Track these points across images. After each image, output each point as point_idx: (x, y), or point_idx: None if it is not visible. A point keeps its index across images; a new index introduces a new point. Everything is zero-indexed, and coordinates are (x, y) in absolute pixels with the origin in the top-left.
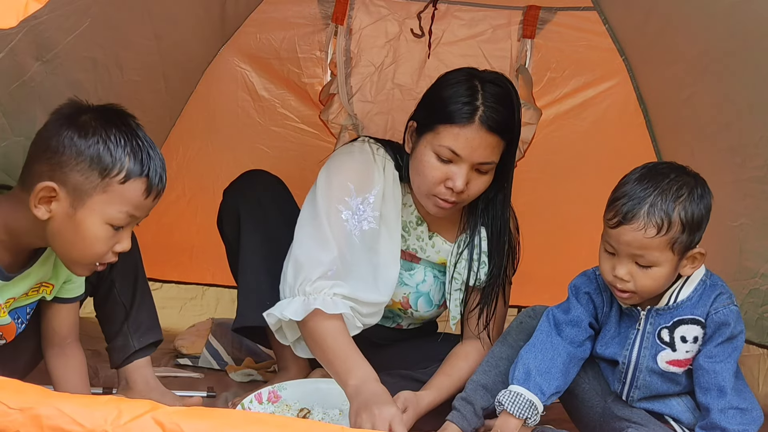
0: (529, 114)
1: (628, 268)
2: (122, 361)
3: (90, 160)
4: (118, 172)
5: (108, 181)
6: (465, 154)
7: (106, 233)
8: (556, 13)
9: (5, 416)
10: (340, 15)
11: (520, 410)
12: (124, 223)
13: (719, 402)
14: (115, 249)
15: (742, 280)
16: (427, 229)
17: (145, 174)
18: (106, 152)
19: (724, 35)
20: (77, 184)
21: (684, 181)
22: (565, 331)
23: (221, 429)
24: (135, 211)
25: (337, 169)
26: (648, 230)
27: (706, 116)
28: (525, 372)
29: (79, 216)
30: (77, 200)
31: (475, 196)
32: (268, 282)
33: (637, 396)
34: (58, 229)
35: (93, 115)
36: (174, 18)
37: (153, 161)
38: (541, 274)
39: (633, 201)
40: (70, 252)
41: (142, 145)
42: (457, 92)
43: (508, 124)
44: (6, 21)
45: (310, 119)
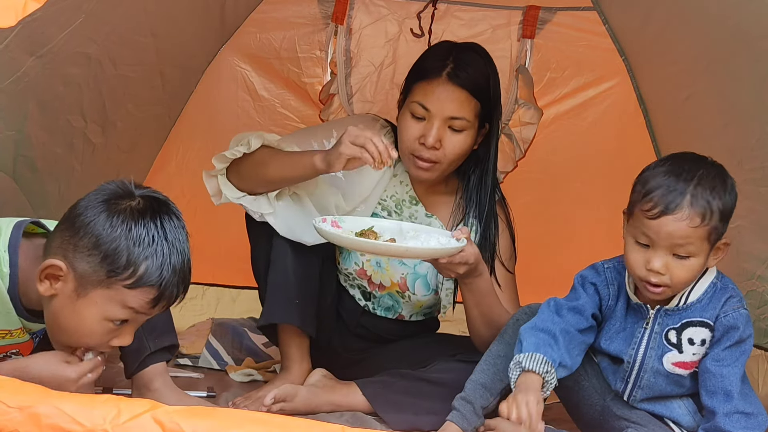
0: (529, 114)
1: (665, 261)
2: (137, 365)
3: (104, 255)
4: (129, 276)
5: (114, 281)
6: (434, 107)
7: (103, 329)
8: (555, 13)
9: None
10: (340, 15)
11: (539, 366)
12: (127, 317)
13: (725, 406)
14: (112, 343)
15: (739, 282)
16: (423, 209)
17: (158, 285)
18: (123, 251)
19: (724, 36)
20: (84, 273)
21: (716, 170)
22: (565, 316)
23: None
24: (139, 316)
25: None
26: (693, 220)
27: (704, 117)
28: (533, 344)
29: (80, 305)
30: (81, 288)
31: (455, 158)
32: (296, 282)
33: (640, 396)
34: (58, 309)
35: (132, 204)
36: (172, 16)
37: (173, 272)
38: (541, 274)
39: (674, 191)
40: (63, 335)
41: (170, 251)
42: (431, 53)
43: (479, 83)
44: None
45: (310, 119)
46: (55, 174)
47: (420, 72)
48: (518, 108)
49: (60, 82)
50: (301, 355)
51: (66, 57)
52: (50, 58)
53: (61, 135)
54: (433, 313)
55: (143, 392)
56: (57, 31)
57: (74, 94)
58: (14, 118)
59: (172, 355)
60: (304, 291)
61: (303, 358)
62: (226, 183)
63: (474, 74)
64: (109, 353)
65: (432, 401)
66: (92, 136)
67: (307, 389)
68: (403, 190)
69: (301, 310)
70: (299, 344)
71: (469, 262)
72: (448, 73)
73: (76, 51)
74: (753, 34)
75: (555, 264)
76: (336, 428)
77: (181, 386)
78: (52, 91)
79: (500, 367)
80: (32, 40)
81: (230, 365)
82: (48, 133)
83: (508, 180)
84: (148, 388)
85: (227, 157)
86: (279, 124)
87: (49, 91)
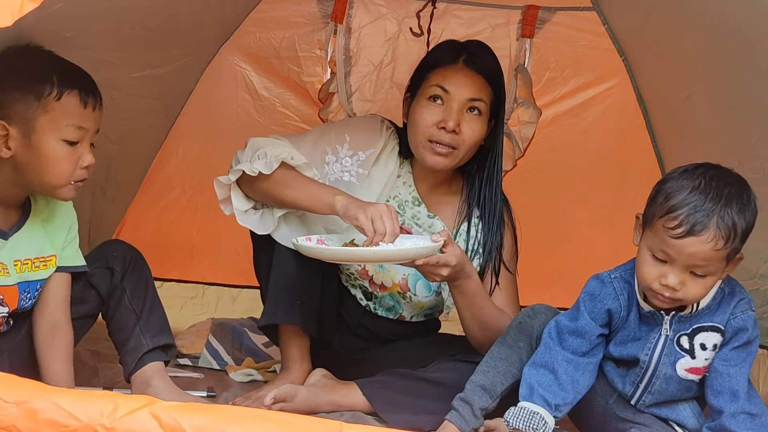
0: (528, 113)
1: (681, 278)
2: (136, 362)
3: (23, 89)
4: (50, 90)
5: (45, 101)
6: (453, 89)
7: (64, 151)
8: (555, 13)
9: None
10: (340, 14)
11: (525, 423)
12: (77, 137)
13: (732, 406)
14: (81, 164)
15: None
16: (426, 210)
17: (74, 87)
18: (33, 79)
19: (724, 36)
20: (20, 114)
21: (740, 187)
22: (567, 341)
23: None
24: (81, 122)
25: (343, 121)
26: (718, 243)
27: (704, 117)
28: (528, 388)
29: (35, 141)
30: (28, 128)
31: (471, 145)
32: (298, 283)
33: (649, 401)
34: (23, 163)
35: (11, 56)
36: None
37: (78, 75)
38: (541, 274)
39: (700, 212)
40: (43, 179)
41: (63, 63)
42: (441, 47)
43: (492, 71)
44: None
45: (310, 118)
46: None
47: (434, 61)
48: (517, 107)
49: None
50: (302, 355)
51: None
52: None
53: None
54: (435, 314)
55: (142, 390)
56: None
57: None
58: None
59: (169, 356)
60: (305, 291)
61: (303, 358)
62: (236, 194)
63: (488, 63)
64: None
65: (432, 401)
66: None
67: (307, 389)
68: (406, 191)
69: (303, 311)
70: (300, 344)
71: (450, 263)
72: (464, 59)
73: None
74: (753, 34)
75: (554, 263)
76: (334, 424)
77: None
78: None
79: (500, 370)
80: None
81: (230, 365)
82: None
83: (508, 179)
84: (147, 385)
85: (242, 171)
86: (279, 124)
87: None
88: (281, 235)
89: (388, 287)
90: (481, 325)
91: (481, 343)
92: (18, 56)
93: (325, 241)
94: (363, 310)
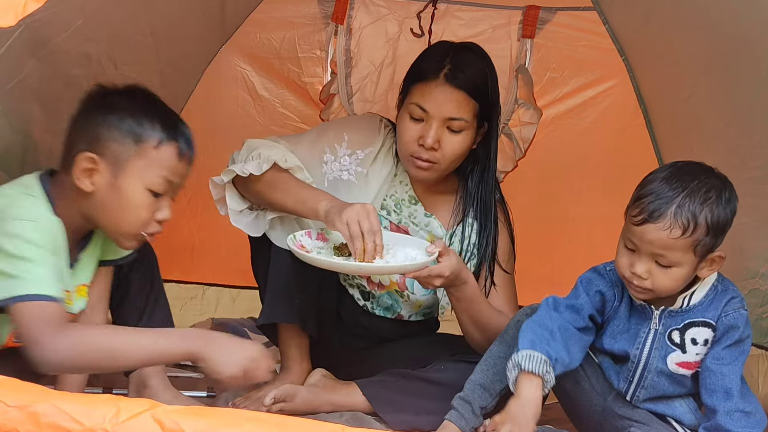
0: (529, 114)
1: (648, 267)
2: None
3: (123, 130)
4: (150, 137)
5: (143, 147)
6: (432, 108)
7: (147, 199)
8: (555, 13)
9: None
10: (340, 14)
11: (538, 366)
12: (163, 189)
13: (726, 404)
14: (157, 217)
15: (742, 280)
16: (423, 209)
17: (174, 138)
18: (136, 123)
19: (724, 35)
20: (115, 153)
21: (713, 183)
22: (563, 313)
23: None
24: (171, 176)
25: (341, 121)
26: (673, 231)
27: (705, 116)
28: (530, 341)
29: (120, 183)
30: (117, 168)
31: (454, 158)
32: (296, 282)
33: (643, 396)
34: (102, 201)
35: (119, 94)
36: (172, 16)
37: (180, 128)
38: (541, 274)
39: (661, 200)
40: (117, 222)
41: (168, 114)
42: (428, 54)
43: (476, 83)
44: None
45: (310, 119)
46: None
47: (417, 73)
48: (518, 108)
49: (62, 84)
50: (301, 354)
51: (67, 58)
52: (52, 60)
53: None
54: (433, 313)
55: (140, 389)
56: (58, 32)
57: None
58: (19, 121)
59: None
60: (303, 290)
61: (303, 358)
62: (231, 194)
63: (471, 75)
64: None
65: (432, 401)
66: None
67: (307, 389)
68: (402, 190)
69: (301, 310)
70: (299, 344)
71: (443, 275)
72: (445, 74)
73: (77, 51)
74: (753, 34)
75: (554, 263)
76: (335, 428)
77: (182, 386)
78: (54, 93)
79: (500, 368)
80: (33, 41)
81: None
82: (52, 135)
83: (508, 179)
84: (144, 385)
85: (234, 172)
86: (279, 124)
87: (51, 93)
88: (276, 236)
89: (386, 285)
90: (480, 327)
91: (481, 343)
92: (122, 94)
93: (325, 235)
94: (361, 310)
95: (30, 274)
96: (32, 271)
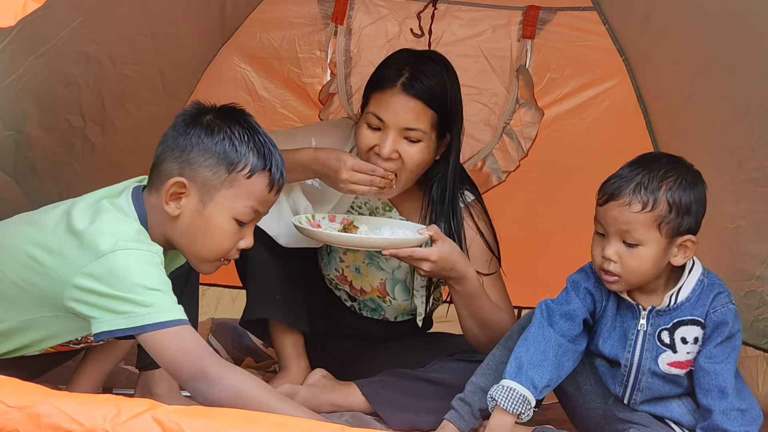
0: (530, 114)
1: (616, 248)
2: (149, 363)
3: (217, 156)
4: (244, 166)
5: (235, 176)
6: (388, 118)
7: (231, 228)
8: (556, 13)
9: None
10: (340, 15)
11: (513, 405)
12: (249, 218)
13: (721, 403)
14: (239, 246)
15: (738, 282)
16: (397, 214)
17: (267, 169)
18: (231, 148)
19: (724, 36)
20: (206, 180)
21: (674, 167)
22: (558, 323)
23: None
24: (259, 206)
25: (312, 125)
26: (633, 205)
27: (704, 117)
28: (517, 365)
29: (208, 211)
30: (206, 195)
31: (414, 169)
32: (276, 278)
33: (640, 399)
34: (187, 226)
35: (216, 114)
36: (172, 16)
37: (274, 157)
38: (541, 275)
39: (622, 180)
40: (198, 249)
41: (264, 142)
42: (388, 62)
43: (435, 93)
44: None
45: (310, 119)
46: (55, 175)
47: (376, 82)
48: (519, 108)
49: (60, 82)
50: (297, 352)
51: (65, 56)
52: (50, 58)
53: (60, 135)
54: None
55: (144, 393)
56: (56, 31)
57: (74, 94)
58: (14, 118)
59: None
60: (285, 287)
61: (299, 356)
62: None
63: (430, 84)
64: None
65: (431, 401)
66: (92, 136)
67: (307, 389)
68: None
69: (285, 306)
70: (293, 342)
71: (430, 258)
72: (402, 83)
73: (76, 50)
74: (753, 34)
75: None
76: (335, 428)
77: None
78: (51, 91)
79: (500, 373)
80: (31, 39)
81: None
82: (48, 133)
83: (509, 180)
84: (150, 391)
85: None
86: (279, 124)
87: (48, 91)
88: None
89: (367, 292)
90: (480, 323)
91: (480, 339)
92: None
93: (320, 222)
94: (349, 311)
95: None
96: (162, 299)
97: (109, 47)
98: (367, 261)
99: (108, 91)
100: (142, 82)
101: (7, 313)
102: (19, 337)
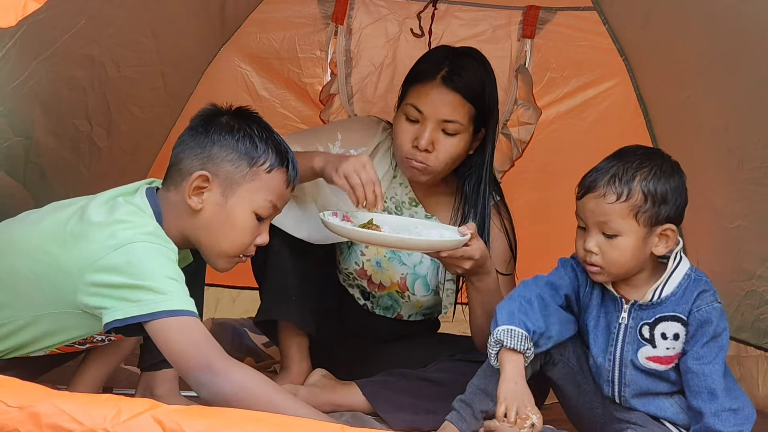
0: (528, 114)
1: (597, 240)
2: (152, 364)
3: (239, 151)
4: (264, 161)
5: (256, 170)
6: (427, 110)
7: (252, 222)
8: (556, 13)
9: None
10: (340, 15)
11: (519, 343)
12: (267, 213)
13: (711, 405)
14: (257, 242)
15: (739, 282)
16: (423, 211)
17: (285, 165)
18: (252, 145)
19: (724, 35)
20: (228, 174)
21: (650, 158)
22: (540, 287)
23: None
24: (277, 201)
25: (338, 121)
26: (608, 196)
27: (705, 117)
28: (508, 313)
29: (230, 204)
30: (228, 189)
31: (448, 161)
32: (294, 280)
33: (629, 394)
34: (208, 220)
35: (233, 115)
36: (173, 17)
37: (290, 154)
38: None
39: (598, 173)
40: (219, 243)
41: (280, 141)
42: (428, 57)
43: (473, 87)
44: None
45: (310, 119)
46: (63, 179)
47: (415, 75)
48: (517, 108)
49: (64, 86)
50: (301, 354)
51: (70, 59)
52: (54, 61)
53: (68, 139)
54: (433, 314)
55: (146, 394)
56: (60, 34)
57: (79, 98)
58: (22, 123)
59: None
60: (302, 289)
61: (303, 358)
62: None
63: (468, 79)
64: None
65: (432, 401)
66: (98, 140)
67: (307, 389)
68: (402, 192)
69: (300, 308)
70: (299, 343)
71: (474, 257)
72: (442, 76)
73: (80, 53)
74: (753, 34)
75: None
76: (335, 427)
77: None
78: (57, 95)
79: None
80: (35, 42)
81: None
82: (55, 137)
83: (508, 179)
84: (151, 392)
85: None
86: (279, 124)
87: (54, 95)
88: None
89: (386, 287)
90: None
91: None
92: (237, 115)
93: (350, 217)
94: (361, 310)
95: (178, 290)
96: (179, 288)
97: (112, 49)
98: (389, 255)
99: (113, 94)
100: (144, 84)
101: (16, 309)
102: (24, 333)
